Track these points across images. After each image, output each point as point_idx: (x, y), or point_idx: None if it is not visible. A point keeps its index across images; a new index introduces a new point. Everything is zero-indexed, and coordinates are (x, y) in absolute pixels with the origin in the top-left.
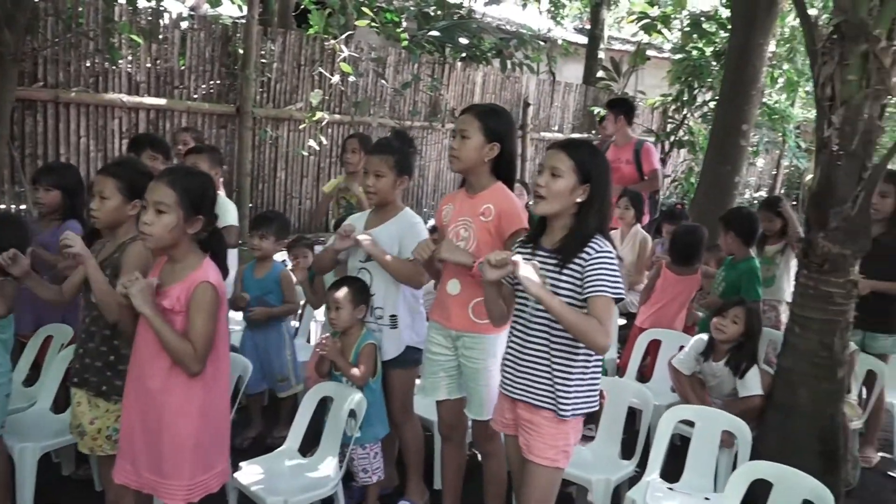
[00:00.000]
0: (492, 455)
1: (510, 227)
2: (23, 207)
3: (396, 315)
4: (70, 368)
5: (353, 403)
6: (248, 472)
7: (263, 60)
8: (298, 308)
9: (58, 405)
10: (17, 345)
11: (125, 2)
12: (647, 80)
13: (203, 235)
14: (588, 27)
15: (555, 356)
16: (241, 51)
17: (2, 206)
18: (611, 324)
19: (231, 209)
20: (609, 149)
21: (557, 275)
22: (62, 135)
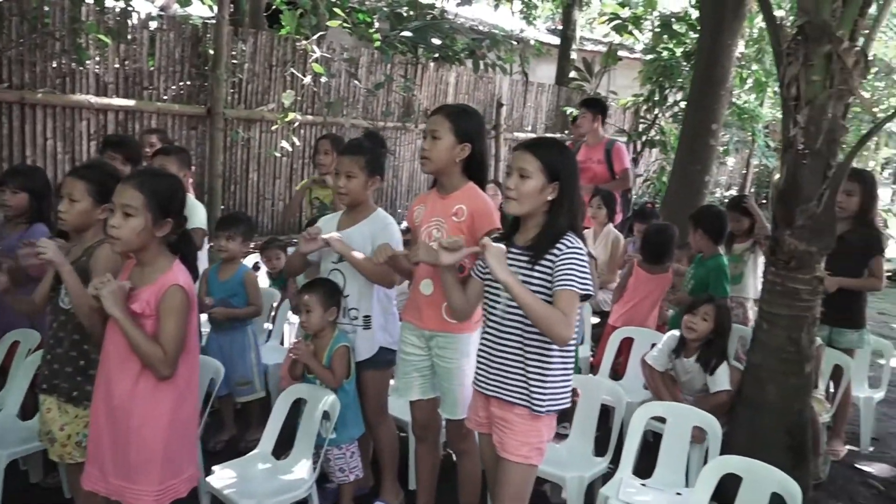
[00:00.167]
0: (466, 454)
1: (483, 228)
2: None
3: (370, 316)
4: (38, 374)
5: (327, 405)
6: (221, 476)
7: (234, 61)
8: (261, 311)
9: (25, 411)
10: None
11: (92, 2)
12: (619, 81)
13: (172, 238)
14: (560, 28)
15: (529, 352)
16: (212, 51)
17: None
18: (574, 317)
19: (199, 211)
20: (580, 149)
21: (529, 272)
22: (28, 137)
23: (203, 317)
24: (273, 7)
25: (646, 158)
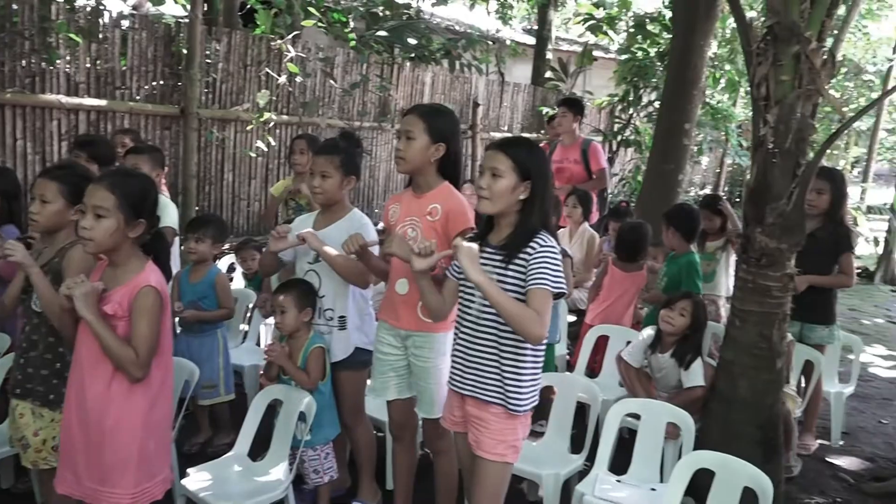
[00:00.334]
0: (443, 453)
1: (457, 227)
2: None
3: (345, 316)
4: (8, 379)
5: (303, 406)
6: (197, 479)
7: (208, 60)
8: (232, 314)
9: None
10: None
11: (62, 0)
12: (595, 81)
13: (145, 238)
14: (536, 28)
15: (504, 351)
16: (185, 51)
17: None
18: (548, 316)
19: (171, 210)
20: (556, 148)
21: (503, 271)
22: None
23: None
24: (247, 6)
25: (621, 158)
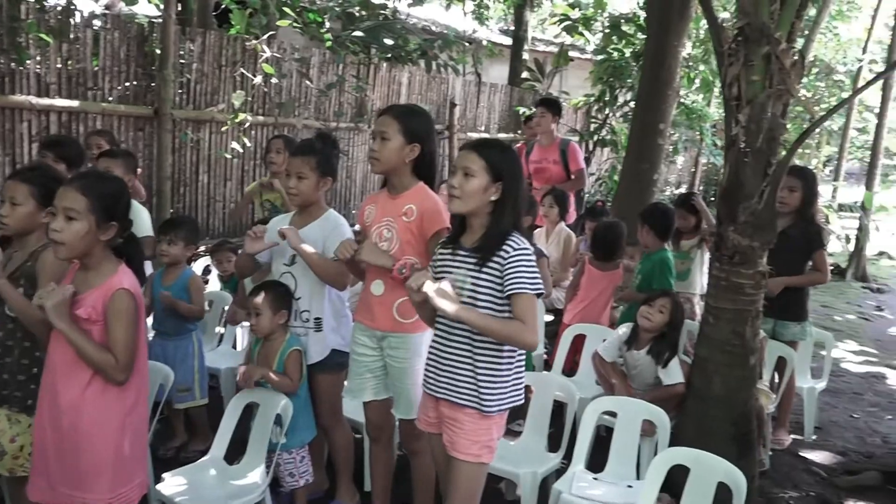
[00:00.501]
0: (420, 454)
1: (432, 227)
2: None
3: (321, 318)
4: None
5: (279, 409)
6: (172, 483)
7: (182, 61)
8: (202, 313)
9: None
10: None
11: (32, 0)
12: (571, 81)
13: (117, 242)
14: (512, 28)
15: (478, 353)
16: (159, 51)
17: None
18: (535, 320)
19: (144, 217)
20: (534, 149)
21: (478, 273)
22: None
23: (147, 322)
24: (222, 6)
25: (597, 158)
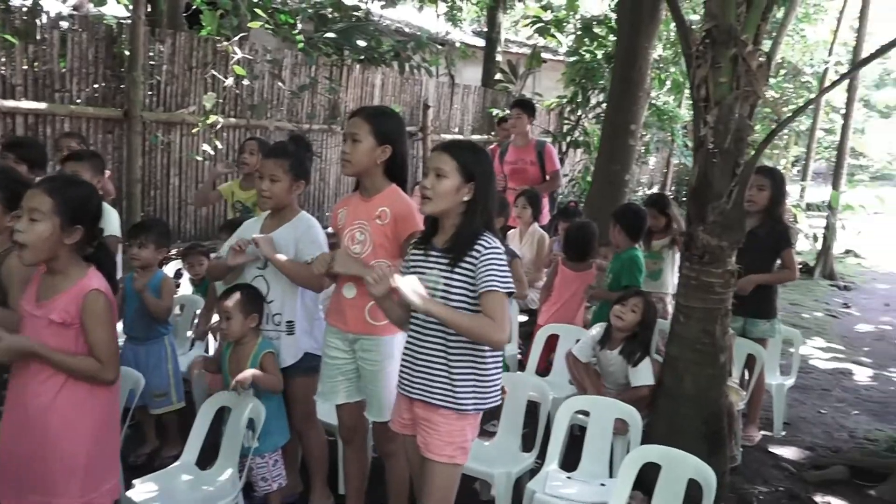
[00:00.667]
0: (393, 456)
1: (406, 230)
2: None
3: (293, 321)
4: None
5: (251, 412)
6: (143, 490)
7: (152, 62)
8: (169, 311)
9: None
10: None
11: None
12: (544, 83)
13: (88, 251)
14: (485, 30)
15: (452, 353)
16: (128, 52)
17: None
18: (505, 318)
19: (113, 218)
20: (509, 149)
21: (450, 273)
22: None
23: (118, 327)
24: (192, 7)
25: (570, 159)
